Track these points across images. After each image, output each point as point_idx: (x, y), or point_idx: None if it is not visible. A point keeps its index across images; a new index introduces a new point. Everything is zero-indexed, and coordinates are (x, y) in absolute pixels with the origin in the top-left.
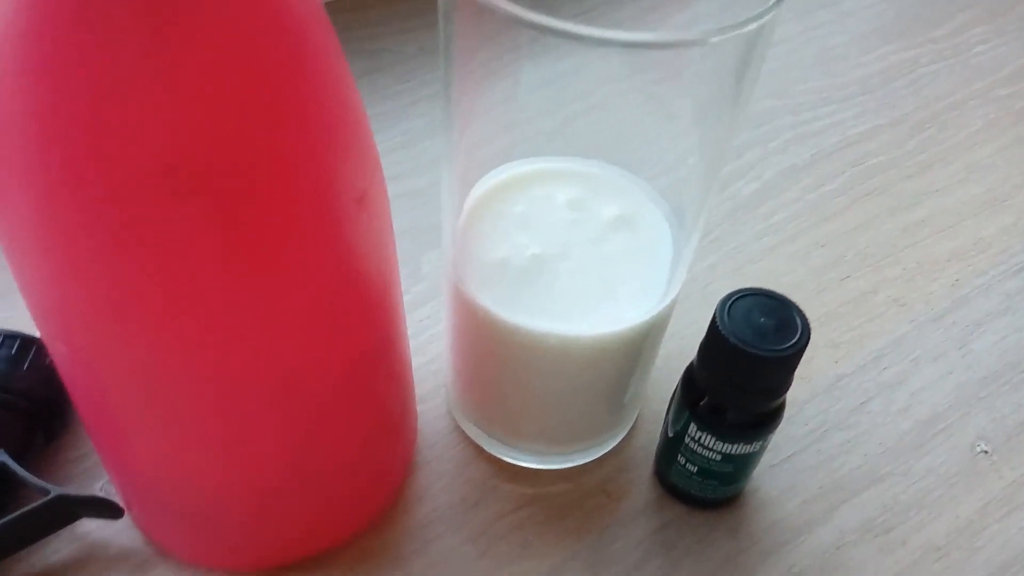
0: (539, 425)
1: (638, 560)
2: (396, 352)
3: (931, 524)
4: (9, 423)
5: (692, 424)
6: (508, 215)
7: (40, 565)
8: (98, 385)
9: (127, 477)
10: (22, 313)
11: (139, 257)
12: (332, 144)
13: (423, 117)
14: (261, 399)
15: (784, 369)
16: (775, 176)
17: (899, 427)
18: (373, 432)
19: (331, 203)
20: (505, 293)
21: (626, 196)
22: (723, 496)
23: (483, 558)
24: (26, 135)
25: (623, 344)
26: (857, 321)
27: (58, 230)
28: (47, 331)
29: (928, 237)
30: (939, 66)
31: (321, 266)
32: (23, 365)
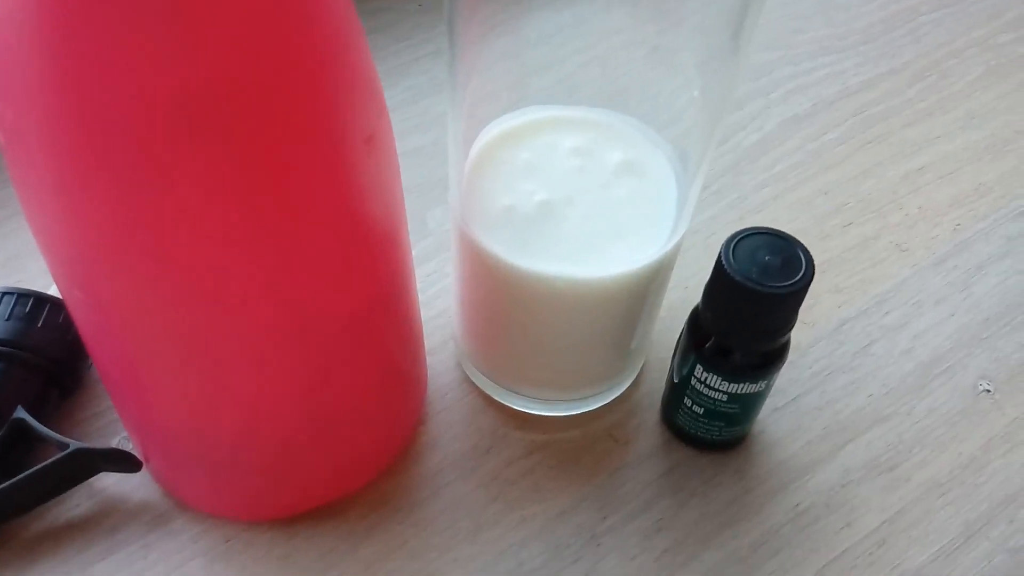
0: (547, 372)
1: (647, 501)
2: (405, 298)
3: (934, 461)
4: (25, 380)
5: (698, 366)
6: (513, 163)
7: (60, 520)
8: (116, 332)
9: (145, 428)
10: (33, 274)
11: (155, 193)
12: (342, 83)
13: (425, 74)
14: (276, 341)
15: (789, 306)
16: (776, 127)
17: (902, 368)
18: (385, 378)
19: (341, 141)
20: (513, 238)
21: (630, 142)
22: (729, 438)
23: (495, 502)
24: (41, 72)
25: (631, 286)
26: (860, 266)
27: (74, 168)
28: (65, 279)
29: (929, 183)
30: (939, 14)
31: (332, 204)
32: (38, 323)
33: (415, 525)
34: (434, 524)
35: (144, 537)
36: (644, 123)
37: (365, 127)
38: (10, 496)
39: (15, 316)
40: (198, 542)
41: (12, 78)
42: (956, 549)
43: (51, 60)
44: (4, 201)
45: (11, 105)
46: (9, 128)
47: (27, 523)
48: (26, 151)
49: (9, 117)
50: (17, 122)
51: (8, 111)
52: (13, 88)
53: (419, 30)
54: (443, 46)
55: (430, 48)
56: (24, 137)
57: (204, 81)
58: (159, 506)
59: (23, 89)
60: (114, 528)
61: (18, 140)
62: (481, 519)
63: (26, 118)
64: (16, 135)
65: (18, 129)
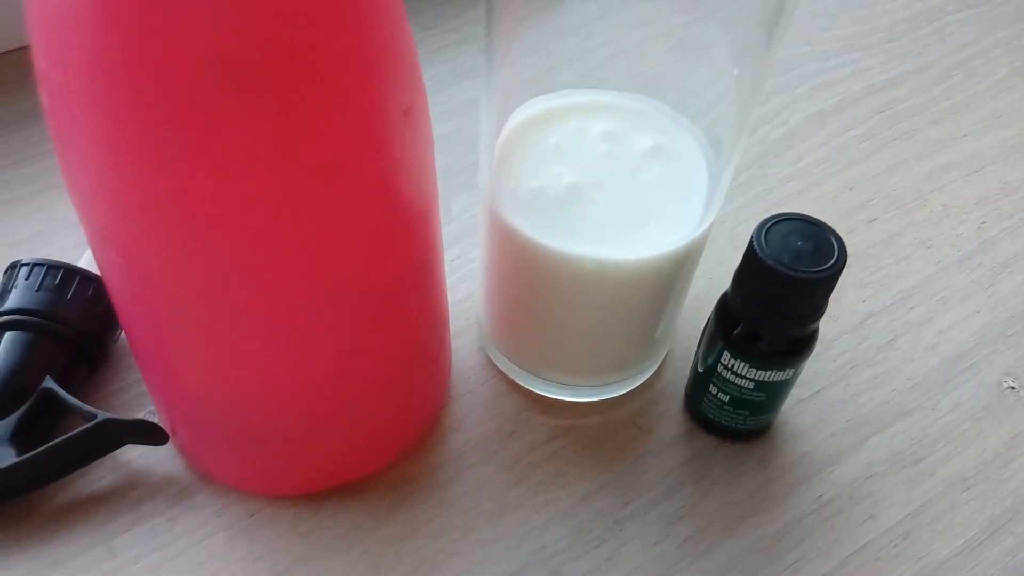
0: (572, 357)
1: (669, 488)
2: (434, 276)
3: (958, 456)
4: (55, 352)
5: (726, 352)
6: (543, 146)
7: (84, 492)
8: (150, 299)
9: (174, 399)
10: (58, 249)
11: (197, 153)
12: (384, 53)
13: (450, 63)
14: (308, 312)
15: (821, 291)
16: (802, 121)
17: (926, 363)
18: (412, 356)
19: (381, 111)
20: (543, 219)
21: (660, 128)
22: (753, 427)
23: (518, 485)
24: (91, 31)
25: (659, 270)
26: (885, 262)
27: (119, 127)
28: (103, 243)
29: (954, 181)
30: (965, 15)
31: (370, 174)
32: (67, 294)
33: (438, 505)
34: (457, 505)
35: (168, 510)
36: (675, 110)
37: (404, 99)
38: (37, 465)
39: (45, 287)
40: (222, 516)
41: (62, 38)
42: (980, 543)
43: (102, 19)
44: (31, 177)
45: (59, 64)
46: (56, 87)
47: (53, 493)
48: (72, 111)
49: (57, 77)
50: (65, 81)
51: (56, 70)
52: (62, 47)
53: (443, 19)
54: (468, 35)
55: (455, 37)
56: (71, 96)
57: (251, 43)
58: (183, 480)
59: (72, 48)
60: (138, 501)
61: (65, 100)
62: (504, 502)
63: (74, 77)
64: (63, 94)
65: (65, 88)
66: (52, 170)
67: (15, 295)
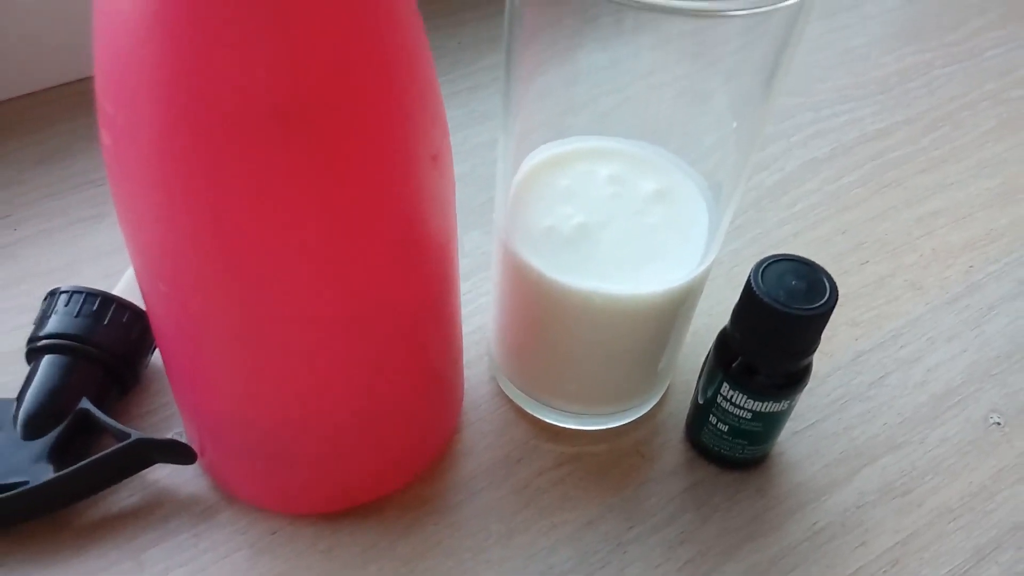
0: (579, 387)
1: (671, 514)
2: (451, 306)
3: (946, 488)
4: (90, 374)
5: (725, 384)
6: (555, 187)
7: (114, 509)
8: (191, 325)
9: (204, 419)
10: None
11: (246, 191)
12: (416, 103)
13: (463, 107)
14: (338, 336)
15: (813, 328)
16: (797, 168)
17: (916, 400)
18: (429, 381)
19: (412, 156)
20: (553, 256)
21: (664, 172)
22: (751, 456)
23: (526, 509)
24: (155, 78)
25: (662, 305)
26: (876, 302)
27: (176, 166)
28: (148, 271)
29: (943, 227)
30: (953, 68)
31: (399, 213)
32: (104, 321)
33: (450, 526)
34: (468, 526)
35: (194, 527)
36: (677, 156)
37: (432, 145)
38: (73, 481)
39: (83, 314)
40: (245, 533)
41: (126, 83)
42: (966, 572)
43: (167, 71)
44: (63, 210)
45: (123, 108)
46: (118, 129)
47: (83, 510)
48: (132, 151)
49: (120, 120)
50: (127, 124)
51: (120, 114)
52: (126, 92)
53: (458, 66)
54: (480, 82)
55: (468, 84)
56: (132, 138)
57: (301, 93)
58: (208, 499)
59: (136, 93)
60: (165, 518)
61: (125, 141)
62: (512, 524)
63: (136, 120)
64: (124, 136)
65: (127, 130)
66: (84, 203)
67: (55, 320)
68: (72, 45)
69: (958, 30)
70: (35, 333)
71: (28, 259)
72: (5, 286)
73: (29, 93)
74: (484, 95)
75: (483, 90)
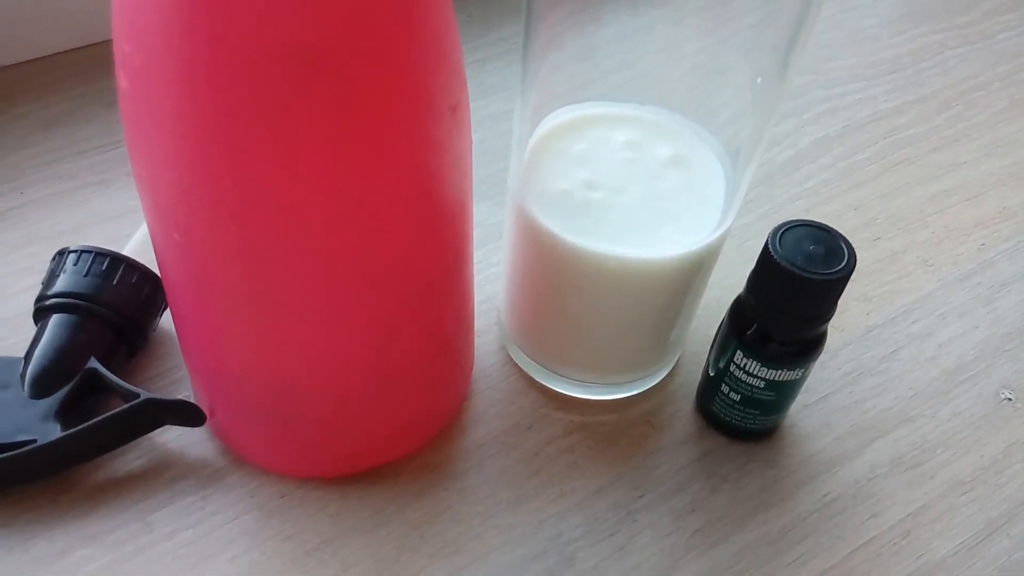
0: (590, 356)
1: (680, 483)
2: (465, 271)
3: (957, 461)
4: (99, 334)
5: (739, 352)
6: (570, 152)
7: (122, 470)
8: (204, 278)
9: (214, 379)
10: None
11: (263, 137)
12: (436, 50)
13: (473, 79)
14: (352, 294)
15: (832, 293)
16: (809, 145)
17: (927, 374)
18: (441, 345)
19: (432, 105)
20: (568, 219)
21: (680, 138)
22: (762, 427)
23: (536, 476)
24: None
25: (676, 269)
26: (888, 278)
27: (194, 109)
28: (164, 222)
29: (955, 205)
30: (965, 49)
31: (418, 165)
32: (113, 280)
33: (459, 492)
34: (477, 492)
35: (202, 490)
36: (693, 122)
37: (451, 96)
38: (81, 441)
39: (92, 273)
40: (254, 496)
41: (145, 24)
42: (978, 544)
43: (185, 8)
44: (71, 174)
45: (141, 50)
46: (135, 71)
47: (91, 471)
48: (149, 94)
49: (137, 61)
50: (145, 65)
51: (137, 55)
52: (144, 33)
53: (468, 39)
54: (489, 55)
55: (478, 56)
56: (149, 80)
57: (321, 34)
58: (216, 462)
59: (154, 34)
60: (173, 480)
61: (142, 83)
62: (522, 491)
63: (154, 61)
64: (141, 78)
65: (144, 72)
66: (91, 168)
67: (63, 279)
68: (79, 10)
69: (970, 12)
70: (43, 292)
71: (35, 223)
72: (12, 249)
73: (36, 58)
74: (494, 68)
75: (493, 63)
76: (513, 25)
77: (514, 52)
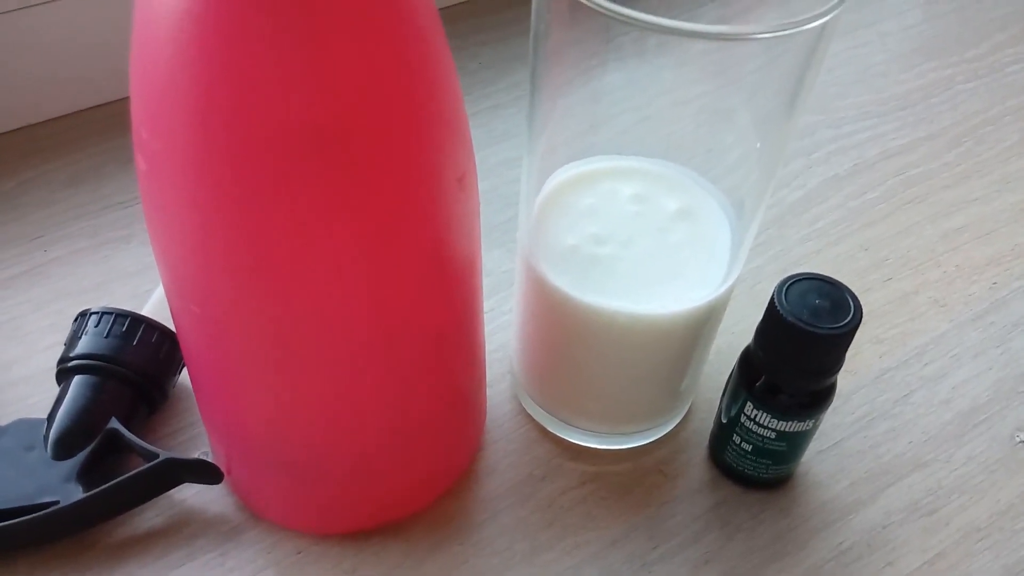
0: (602, 406)
1: (695, 533)
2: (475, 327)
3: (973, 507)
4: (119, 394)
5: (749, 403)
6: (578, 207)
7: (142, 528)
8: (222, 346)
9: (232, 438)
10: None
11: (278, 214)
12: (443, 127)
13: (483, 127)
14: (366, 355)
15: (838, 347)
16: (818, 185)
17: (941, 417)
18: (453, 400)
19: (439, 178)
20: (577, 275)
21: (686, 191)
22: (775, 476)
23: (550, 527)
24: (189, 107)
25: (685, 323)
26: (900, 319)
27: (210, 191)
28: (180, 293)
29: (967, 243)
30: (975, 84)
31: (427, 234)
32: (133, 341)
33: (475, 545)
34: (493, 545)
35: (220, 546)
36: (699, 174)
37: (458, 167)
38: (102, 502)
39: (113, 334)
40: (271, 552)
41: (162, 109)
42: None
43: (201, 97)
44: (93, 231)
45: (159, 136)
46: (152, 155)
47: (112, 529)
48: (167, 176)
49: (155, 146)
50: (162, 149)
51: (155, 141)
52: (161, 118)
53: (478, 86)
54: (500, 102)
55: (488, 103)
56: (167, 163)
57: (335, 116)
58: (234, 518)
59: (171, 119)
60: (192, 537)
61: (161, 166)
62: (537, 543)
63: (171, 146)
64: (159, 161)
65: (162, 156)
66: (113, 224)
67: (85, 341)
68: (100, 69)
69: (979, 46)
70: (66, 353)
71: (59, 279)
72: (38, 306)
73: (60, 116)
74: (505, 114)
75: (503, 109)
76: (524, 72)
77: (526, 98)
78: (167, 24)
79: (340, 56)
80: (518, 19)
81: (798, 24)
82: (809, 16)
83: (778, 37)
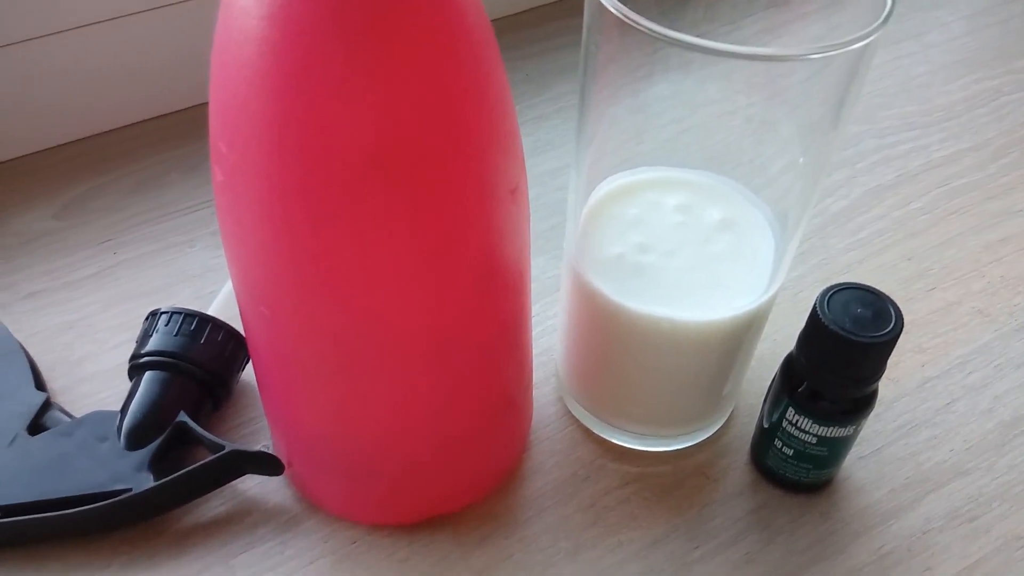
0: (646, 409)
1: (735, 535)
2: (524, 331)
3: (1014, 515)
4: (187, 390)
5: (791, 409)
6: (623, 217)
7: (207, 516)
8: (287, 347)
9: (294, 435)
10: (184, 299)
11: (345, 226)
12: (497, 142)
13: (529, 137)
14: (421, 360)
15: (879, 355)
16: (862, 195)
17: (983, 427)
18: (501, 402)
19: (493, 191)
20: (622, 282)
21: (730, 202)
22: (816, 480)
23: (593, 526)
24: (267, 124)
25: (728, 331)
26: (943, 329)
27: (282, 204)
28: (252, 296)
29: (1011, 254)
30: (1021, 95)
31: (481, 245)
32: (200, 339)
33: (520, 541)
34: (537, 541)
35: (280, 535)
36: (743, 185)
37: (511, 180)
38: (171, 490)
39: (182, 333)
40: (328, 542)
41: (240, 128)
42: None
43: (278, 118)
44: (158, 236)
45: (236, 149)
46: (230, 168)
47: (179, 517)
48: (243, 189)
49: (233, 159)
50: (239, 164)
51: (233, 154)
52: (239, 136)
53: (524, 98)
54: (544, 112)
55: (534, 114)
56: (243, 177)
57: (394, 140)
58: (293, 509)
59: (249, 136)
60: (254, 526)
61: (237, 179)
62: (580, 540)
63: (248, 162)
64: (235, 174)
65: (238, 169)
66: (177, 229)
67: (155, 339)
68: (164, 83)
69: None
70: (137, 350)
71: (127, 281)
72: (108, 306)
73: (126, 125)
74: (549, 125)
75: (548, 120)
76: (567, 83)
77: (569, 109)
78: (247, 50)
79: (404, 84)
80: (558, 33)
81: (842, 45)
82: (853, 38)
83: (824, 58)
